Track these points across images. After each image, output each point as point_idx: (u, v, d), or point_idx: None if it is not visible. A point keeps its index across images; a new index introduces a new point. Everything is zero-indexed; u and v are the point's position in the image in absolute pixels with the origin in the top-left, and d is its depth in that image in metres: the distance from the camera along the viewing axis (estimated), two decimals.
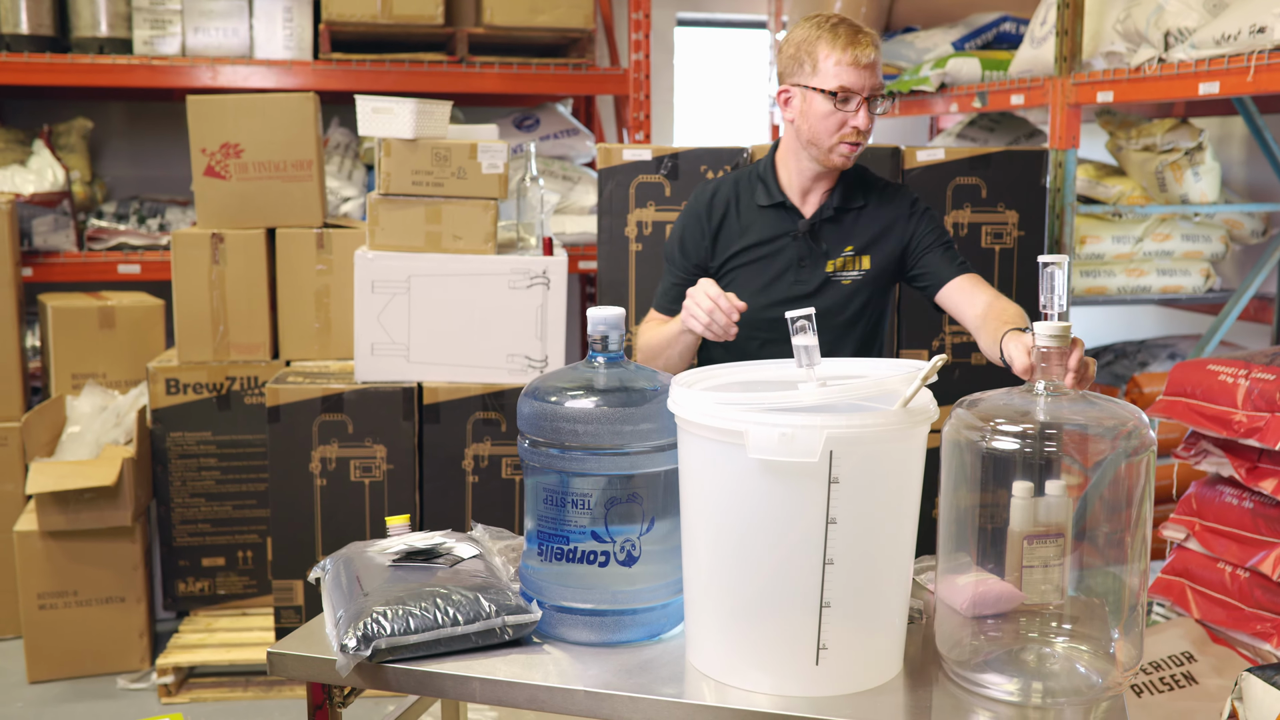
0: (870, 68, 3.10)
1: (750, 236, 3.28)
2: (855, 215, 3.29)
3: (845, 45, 3.08)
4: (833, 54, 3.08)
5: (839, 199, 3.26)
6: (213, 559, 5.01)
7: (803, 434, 2.07)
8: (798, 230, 3.26)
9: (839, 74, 3.09)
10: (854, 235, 3.27)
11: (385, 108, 4.34)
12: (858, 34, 3.10)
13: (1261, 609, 3.41)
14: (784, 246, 3.27)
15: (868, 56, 3.09)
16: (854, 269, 3.27)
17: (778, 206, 3.28)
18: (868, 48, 3.09)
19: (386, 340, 4.42)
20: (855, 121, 3.12)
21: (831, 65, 3.09)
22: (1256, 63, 3.84)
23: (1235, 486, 3.58)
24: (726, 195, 3.33)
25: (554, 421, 2.37)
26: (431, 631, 2.35)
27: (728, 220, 3.30)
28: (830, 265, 3.26)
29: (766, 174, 3.31)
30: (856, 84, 3.09)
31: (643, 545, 2.40)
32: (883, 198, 3.31)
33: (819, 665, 2.20)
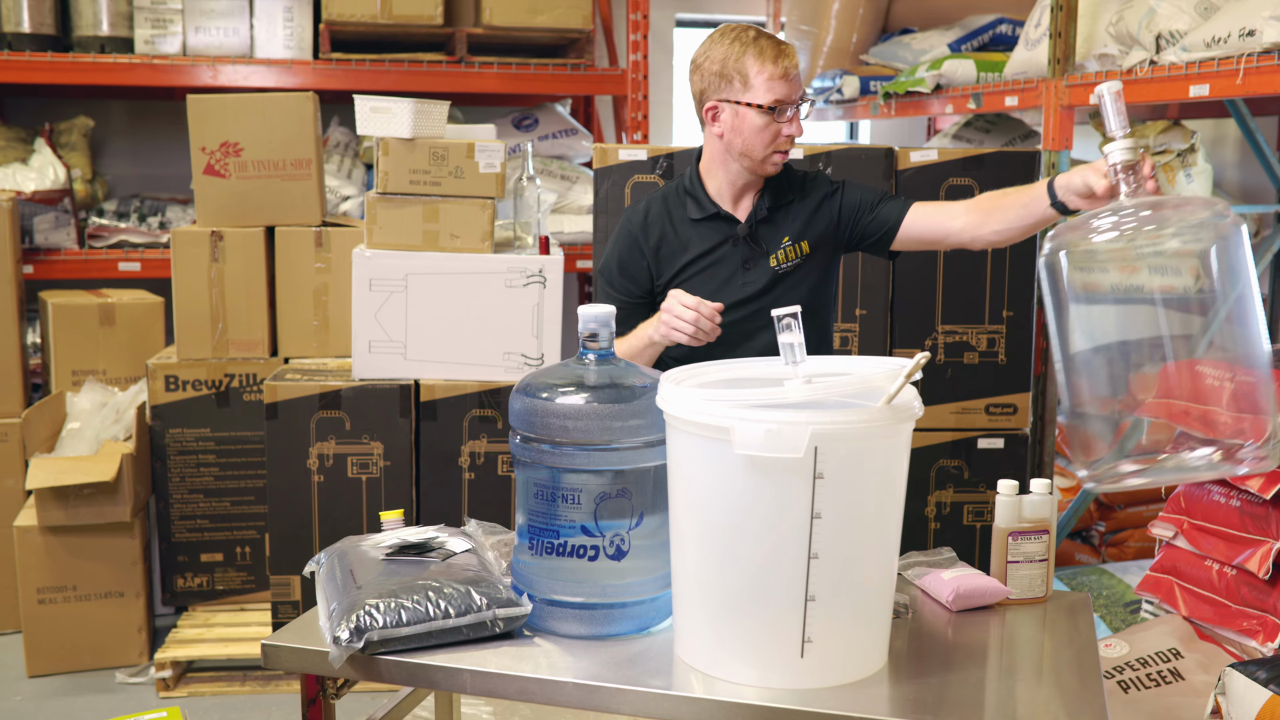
0: (796, 77, 3.18)
1: (691, 250, 3.31)
2: (786, 210, 3.34)
3: (773, 59, 3.13)
4: (764, 68, 3.13)
5: (770, 199, 3.32)
6: (211, 554, 5.04)
7: (788, 430, 2.11)
8: (736, 235, 3.30)
9: (772, 88, 3.14)
10: (787, 227, 3.32)
11: (383, 107, 4.37)
12: (780, 45, 3.16)
13: (1248, 606, 3.44)
14: (725, 253, 3.30)
15: (795, 67, 3.16)
16: (795, 257, 3.31)
17: (712, 218, 3.31)
18: (793, 58, 3.17)
19: (384, 338, 4.45)
20: (789, 130, 3.18)
21: (764, 80, 3.14)
22: (1246, 65, 3.87)
23: (1222, 485, 3.60)
24: (659, 214, 3.35)
25: (545, 418, 2.40)
26: (423, 624, 2.39)
27: (665, 239, 3.33)
28: (773, 260, 3.30)
29: (694, 188, 3.34)
30: (789, 95, 3.15)
31: (632, 540, 2.43)
32: (805, 187, 3.37)
33: (804, 658, 2.23)
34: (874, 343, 4.52)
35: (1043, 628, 2.65)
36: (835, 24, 6.92)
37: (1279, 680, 2.83)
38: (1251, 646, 3.41)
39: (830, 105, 6.76)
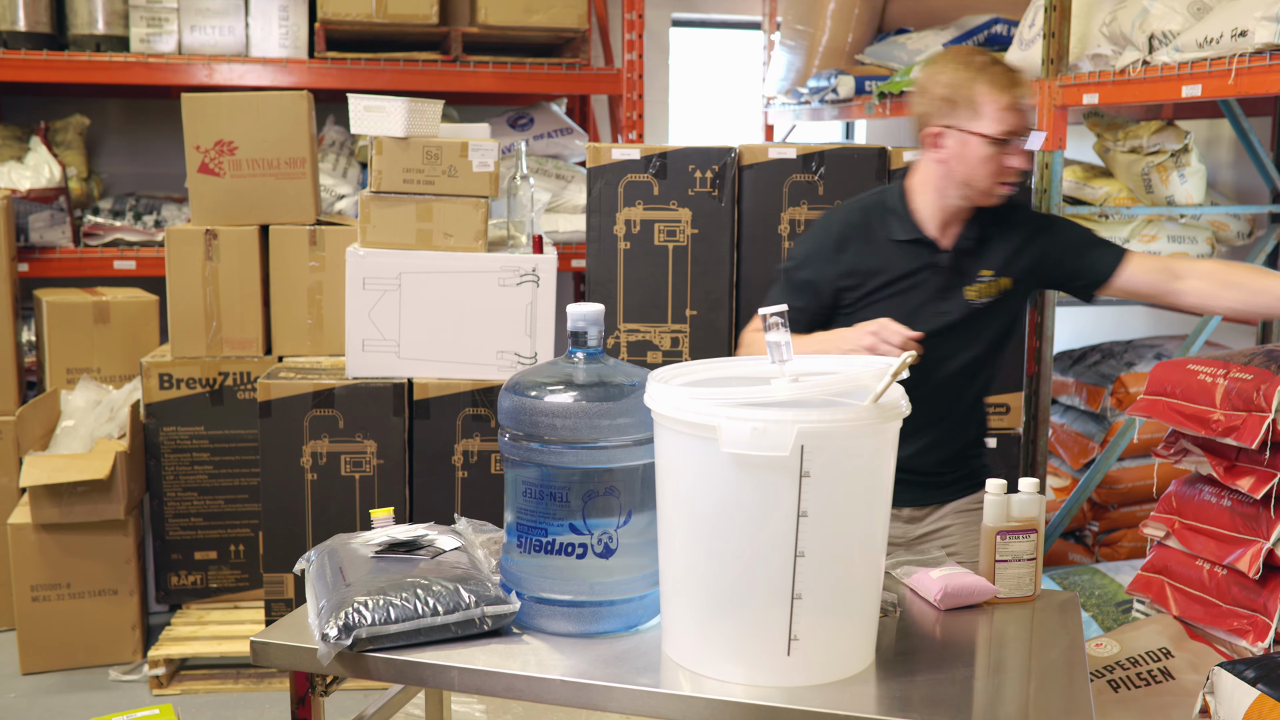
0: (1029, 109, 3.07)
1: (887, 271, 3.20)
2: (994, 242, 3.23)
3: (1006, 88, 3.04)
4: (996, 98, 3.04)
5: (978, 229, 3.21)
6: (205, 552, 5.04)
7: (774, 429, 2.11)
8: (939, 263, 3.19)
9: (1003, 119, 3.04)
10: (990, 260, 3.22)
11: (377, 106, 4.38)
12: (1013, 74, 3.06)
13: (1238, 606, 3.45)
14: (923, 280, 3.20)
15: (1026, 98, 3.05)
16: (994, 292, 3.22)
17: (914, 241, 3.20)
18: (1025, 87, 3.06)
19: (377, 336, 4.45)
20: (1014, 163, 3.08)
21: (995, 109, 3.03)
22: (1238, 66, 3.88)
23: (1214, 485, 3.61)
24: (858, 229, 3.24)
25: (533, 416, 2.41)
26: (412, 621, 2.39)
27: (861, 257, 3.21)
28: (971, 293, 3.21)
29: (898, 207, 3.23)
30: (1019, 126, 3.05)
31: (620, 538, 2.44)
32: (1013, 219, 3.26)
33: (790, 656, 2.24)
34: None
35: (1031, 626, 2.66)
36: (831, 24, 6.92)
37: (1267, 679, 2.83)
38: (1242, 646, 3.42)
39: (825, 105, 6.76)
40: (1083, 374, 5.66)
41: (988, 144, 3.06)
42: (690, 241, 4.47)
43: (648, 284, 4.48)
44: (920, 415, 3.23)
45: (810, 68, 7.02)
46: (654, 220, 4.45)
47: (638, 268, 4.47)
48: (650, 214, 4.45)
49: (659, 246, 4.46)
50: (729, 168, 4.44)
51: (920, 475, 3.31)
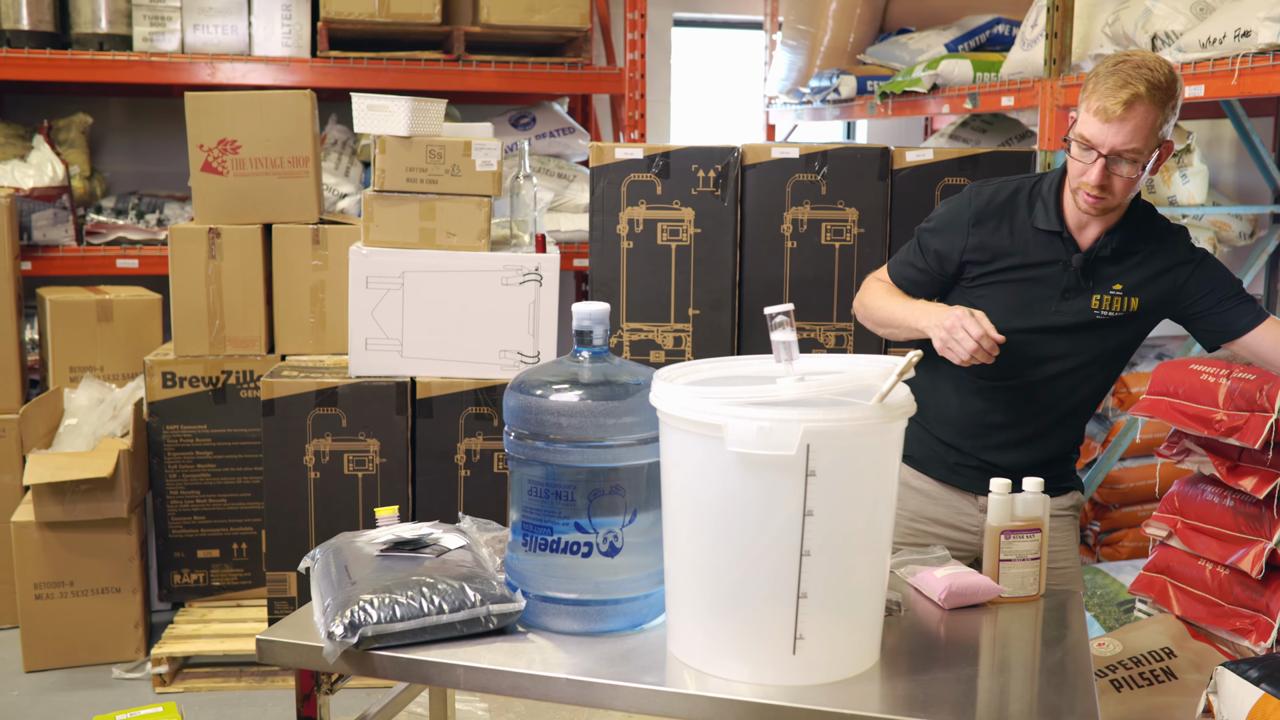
0: (1120, 123, 2.83)
1: (1019, 256, 3.10)
2: (1136, 259, 3.11)
3: (1103, 93, 2.84)
4: (1090, 98, 2.88)
5: (1120, 240, 3.08)
6: (207, 551, 5.05)
7: (781, 428, 2.12)
8: (1071, 262, 3.08)
9: (1085, 122, 2.89)
10: (1126, 274, 3.10)
11: (381, 105, 4.38)
12: (1124, 86, 2.82)
13: (1241, 605, 3.45)
14: (1051, 274, 3.10)
15: (1115, 112, 2.82)
16: (1119, 309, 3.11)
17: (1054, 234, 3.09)
18: (1120, 103, 2.81)
19: (380, 335, 4.46)
20: (1087, 177, 2.91)
21: (1084, 110, 2.90)
22: (1241, 66, 3.88)
23: (1216, 485, 3.61)
24: (1003, 207, 3.13)
25: (539, 414, 2.41)
26: (417, 620, 2.40)
27: (998, 234, 3.11)
28: (1095, 301, 3.10)
29: (1050, 196, 3.10)
30: (1096, 137, 2.86)
31: (625, 536, 2.44)
32: (1162, 242, 3.13)
33: (796, 655, 2.24)
34: (868, 341, 4.53)
35: (1035, 626, 2.66)
36: (833, 24, 6.93)
37: (1271, 679, 2.83)
38: (1244, 646, 3.42)
39: (827, 105, 6.77)
40: None
41: (1072, 143, 2.94)
42: (693, 241, 4.47)
43: (651, 283, 4.49)
44: (1012, 409, 3.18)
45: (812, 67, 7.03)
46: (657, 219, 4.46)
47: (641, 267, 4.47)
48: (653, 213, 4.46)
49: (662, 246, 4.47)
50: (732, 167, 4.45)
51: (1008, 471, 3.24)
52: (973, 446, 3.24)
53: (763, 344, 4.46)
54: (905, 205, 4.52)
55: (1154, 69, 2.83)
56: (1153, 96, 2.82)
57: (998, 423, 3.22)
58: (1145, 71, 2.82)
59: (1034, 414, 3.23)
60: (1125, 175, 2.89)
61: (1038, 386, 3.19)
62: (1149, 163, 2.89)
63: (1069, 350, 3.16)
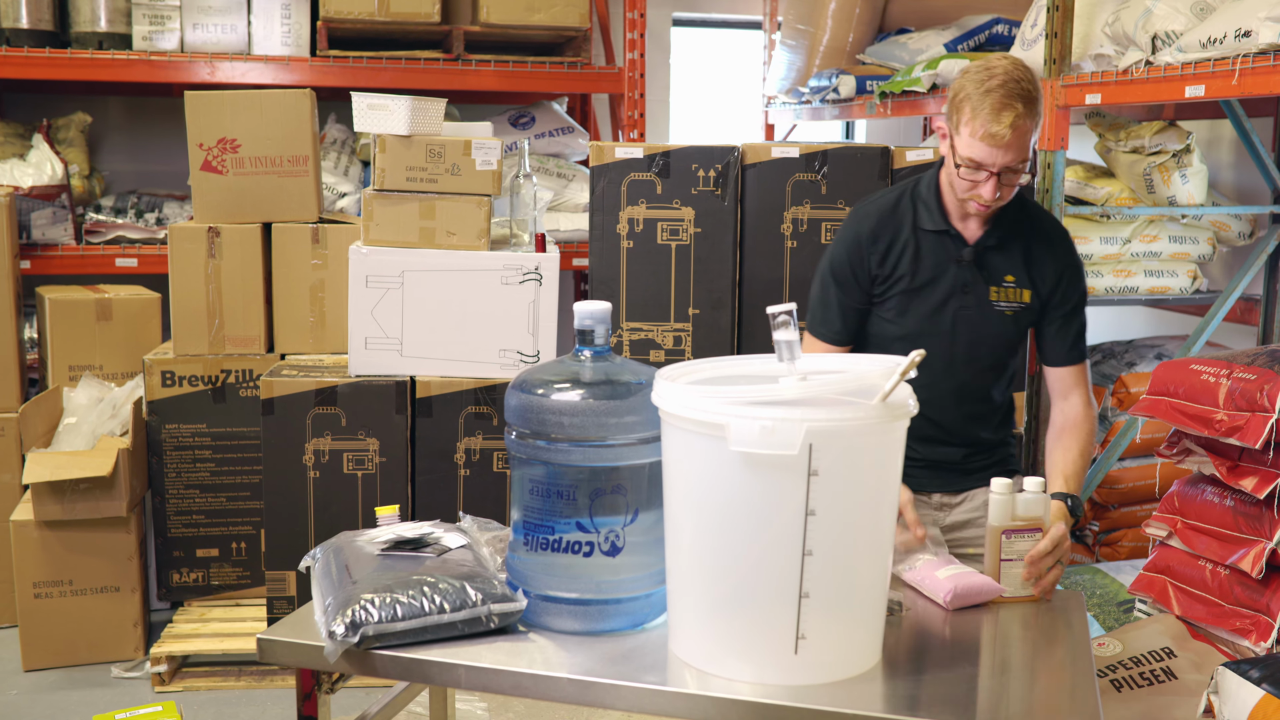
0: (1006, 146, 2.96)
1: (914, 262, 3.20)
2: (1017, 244, 3.21)
3: (985, 118, 2.94)
4: (972, 122, 2.97)
5: (1002, 229, 3.19)
6: (207, 550, 5.04)
7: (783, 427, 2.12)
8: (962, 257, 3.18)
9: (970, 146, 2.98)
10: (1014, 266, 3.21)
11: (381, 104, 4.38)
12: (1004, 108, 2.93)
13: (1241, 605, 3.45)
14: (947, 271, 3.20)
15: (1003, 136, 2.94)
16: (1014, 300, 3.21)
17: (941, 233, 3.19)
18: (1005, 126, 2.93)
19: (380, 334, 4.46)
20: (980, 192, 3.04)
21: (967, 134, 2.99)
22: (1241, 66, 3.88)
23: (1217, 485, 3.61)
24: (887, 219, 3.23)
25: (540, 414, 2.41)
26: (418, 619, 2.40)
27: (892, 245, 3.21)
28: (994, 293, 3.20)
29: (929, 197, 3.21)
30: (986, 159, 2.98)
31: (627, 536, 2.44)
32: (1047, 235, 3.24)
33: (798, 654, 2.24)
34: None
35: (1036, 626, 2.66)
36: (832, 23, 6.93)
37: (1272, 679, 2.83)
38: (1245, 646, 3.42)
39: (826, 105, 6.77)
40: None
41: (955, 162, 3.06)
42: (693, 240, 4.47)
43: (650, 283, 4.49)
44: (945, 408, 3.27)
45: (811, 67, 7.03)
46: (657, 219, 4.46)
47: (640, 266, 4.47)
48: (653, 213, 4.46)
49: (662, 245, 4.47)
50: (732, 167, 4.45)
51: (948, 464, 3.35)
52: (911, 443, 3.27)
53: (763, 343, 4.47)
54: None
55: (1021, 79, 2.94)
56: (1029, 110, 2.96)
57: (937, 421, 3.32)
58: (1015, 86, 2.94)
59: (970, 408, 3.34)
60: (1011, 184, 3.04)
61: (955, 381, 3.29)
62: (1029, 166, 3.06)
63: (983, 344, 3.26)
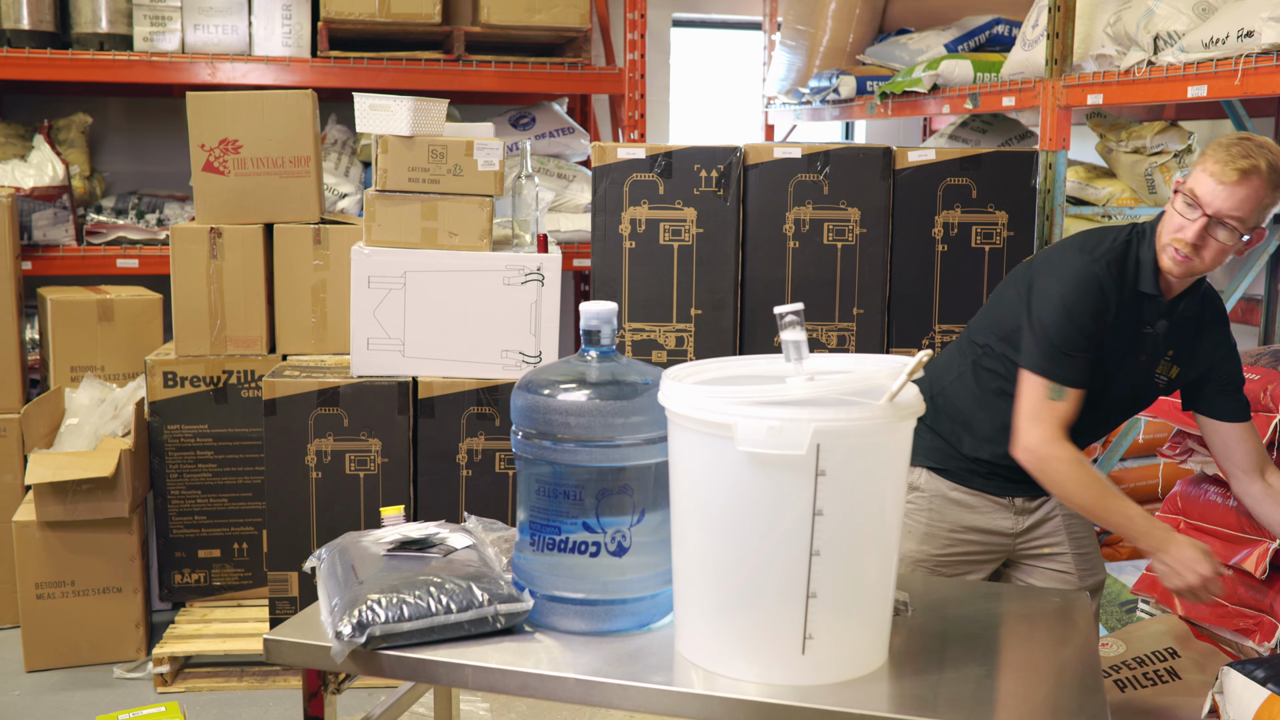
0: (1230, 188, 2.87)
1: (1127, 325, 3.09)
2: (1190, 324, 3.14)
3: (1222, 158, 2.89)
4: (1209, 161, 2.91)
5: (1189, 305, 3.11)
6: (209, 550, 5.04)
7: (790, 427, 2.12)
8: (1156, 329, 3.10)
9: (1198, 180, 2.91)
10: (1178, 342, 3.14)
11: (383, 105, 4.38)
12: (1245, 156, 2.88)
13: (1244, 606, 3.46)
14: (1141, 337, 3.10)
15: (1231, 177, 2.86)
16: (1166, 374, 3.16)
17: (1153, 298, 3.08)
18: (1235, 170, 2.86)
19: (382, 335, 4.46)
20: (1184, 232, 2.92)
21: (1199, 170, 2.93)
22: (1244, 66, 3.88)
23: (1220, 485, 3.62)
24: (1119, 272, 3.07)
25: (546, 414, 2.41)
26: (425, 619, 2.40)
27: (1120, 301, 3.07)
28: (1160, 367, 3.16)
29: (1148, 257, 3.07)
30: (1205, 197, 2.89)
31: (633, 536, 2.45)
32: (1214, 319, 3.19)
33: (805, 654, 2.24)
34: (871, 341, 4.53)
35: (1043, 626, 2.67)
36: (832, 24, 6.93)
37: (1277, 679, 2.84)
38: (1249, 646, 3.43)
39: (826, 105, 6.78)
40: None
41: (1179, 196, 2.95)
42: (695, 241, 4.47)
43: (653, 283, 4.49)
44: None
45: (811, 68, 7.03)
46: (659, 219, 4.46)
47: (643, 267, 4.47)
48: (655, 213, 4.46)
49: (664, 245, 4.47)
50: (734, 167, 4.45)
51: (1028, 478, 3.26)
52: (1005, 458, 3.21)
53: (765, 344, 4.49)
54: (907, 205, 4.52)
55: (1275, 151, 2.89)
56: (1270, 175, 2.88)
57: None
58: (1268, 152, 2.89)
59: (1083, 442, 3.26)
60: (1221, 240, 2.91)
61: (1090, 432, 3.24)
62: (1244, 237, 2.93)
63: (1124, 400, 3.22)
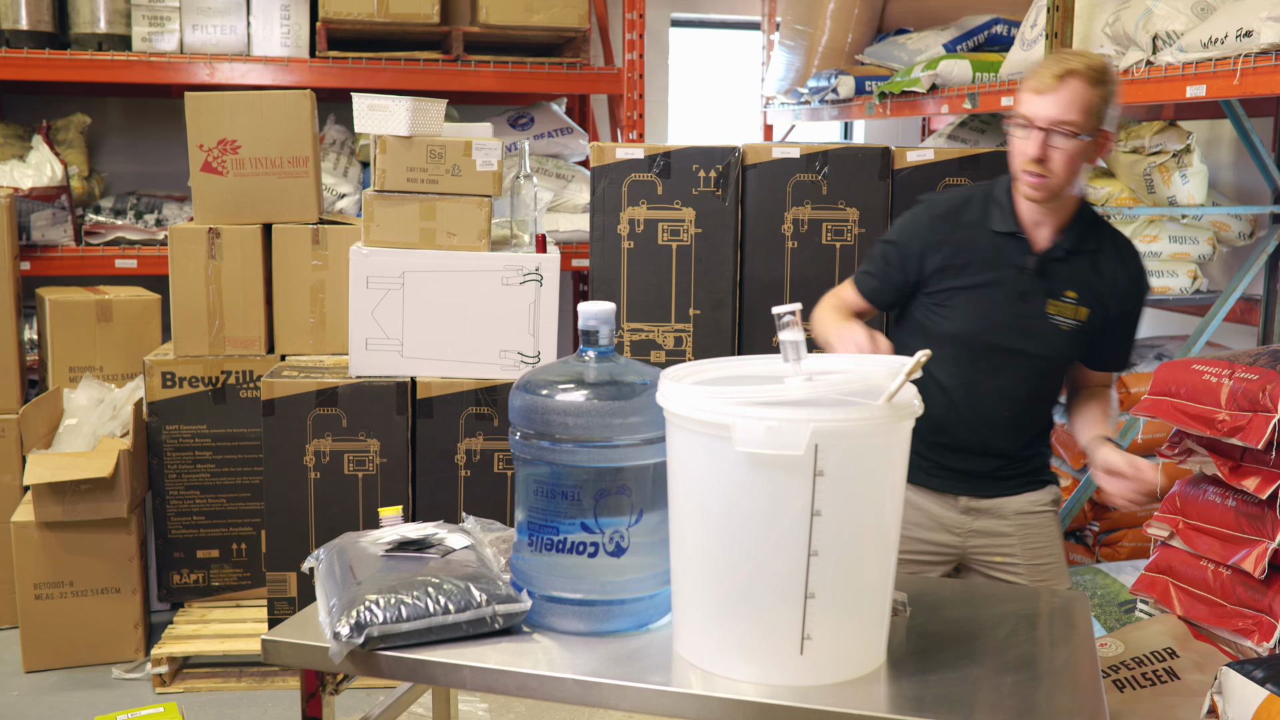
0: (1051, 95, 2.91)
1: (976, 263, 3.12)
2: (1084, 260, 3.13)
3: (1034, 75, 2.95)
4: (1029, 80, 2.95)
5: (1072, 241, 3.10)
6: (207, 551, 5.04)
7: (789, 427, 2.11)
8: (1026, 265, 3.09)
9: (1021, 101, 2.96)
10: (1078, 282, 3.12)
11: (381, 105, 4.38)
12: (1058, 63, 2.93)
13: (1243, 606, 3.45)
14: (1007, 278, 3.10)
15: (1049, 84, 2.91)
16: (1070, 316, 3.13)
17: (1009, 235, 3.10)
18: (1052, 77, 2.91)
19: (380, 335, 4.45)
20: (1026, 150, 2.96)
21: (1021, 93, 2.97)
22: (1243, 66, 3.88)
23: (1219, 485, 3.61)
24: (957, 214, 3.16)
25: (544, 414, 2.41)
26: (423, 620, 2.39)
27: (954, 239, 3.13)
28: (1051, 307, 3.11)
29: (1002, 198, 3.13)
30: (1031, 111, 2.93)
31: (631, 536, 2.44)
32: (1117, 252, 3.16)
33: (803, 655, 2.24)
34: None
35: (1040, 625, 2.67)
36: (830, 24, 6.93)
37: (1276, 679, 2.83)
38: (1247, 646, 3.42)
39: (825, 105, 6.77)
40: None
41: (1012, 127, 3.00)
42: (694, 241, 4.47)
43: (651, 283, 4.49)
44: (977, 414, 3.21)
45: (810, 68, 7.03)
46: (658, 219, 4.46)
47: (641, 267, 4.47)
48: (654, 213, 4.46)
49: (663, 246, 4.47)
50: (733, 167, 4.45)
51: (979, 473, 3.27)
52: (944, 451, 3.25)
53: (764, 344, 4.48)
54: (906, 205, 4.48)
55: (1090, 56, 2.96)
56: (1086, 75, 2.91)
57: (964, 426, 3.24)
58: (1081, 57, 2.95)
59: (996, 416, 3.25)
60: (1062, 148, 2.93)
61: (999, 390, 3.21)
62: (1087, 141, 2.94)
63: (1027, 353, 3.17)
